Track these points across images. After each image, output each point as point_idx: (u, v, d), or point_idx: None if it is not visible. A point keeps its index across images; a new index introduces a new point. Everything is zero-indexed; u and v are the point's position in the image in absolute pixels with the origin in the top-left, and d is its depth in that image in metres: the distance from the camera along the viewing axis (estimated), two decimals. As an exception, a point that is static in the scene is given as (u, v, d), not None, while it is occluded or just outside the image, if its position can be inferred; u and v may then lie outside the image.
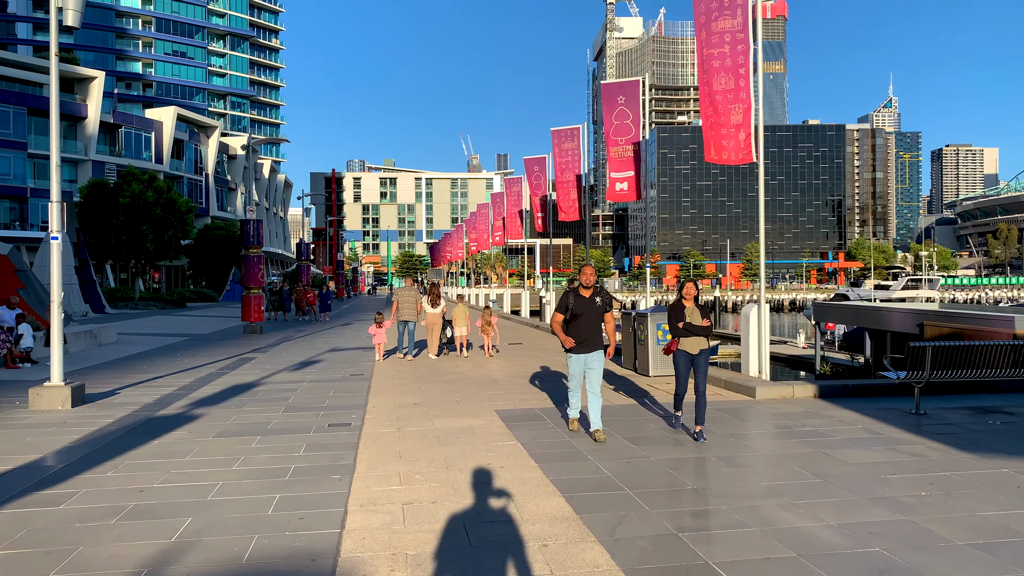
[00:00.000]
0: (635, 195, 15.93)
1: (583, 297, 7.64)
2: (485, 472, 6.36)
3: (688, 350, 7.77)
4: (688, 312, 7.77)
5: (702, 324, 7.71)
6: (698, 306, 7.80)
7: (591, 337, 7.62)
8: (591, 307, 7.60)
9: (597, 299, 7.62)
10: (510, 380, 12.26)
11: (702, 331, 7.71)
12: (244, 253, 24.54)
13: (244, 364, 15.25)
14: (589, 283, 7.66)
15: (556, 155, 21.19)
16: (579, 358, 7.72)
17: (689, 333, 7.72)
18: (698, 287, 7.87)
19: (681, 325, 7.72)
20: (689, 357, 7.79)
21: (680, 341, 7.81)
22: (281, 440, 7.81)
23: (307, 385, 11.95)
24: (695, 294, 7.76)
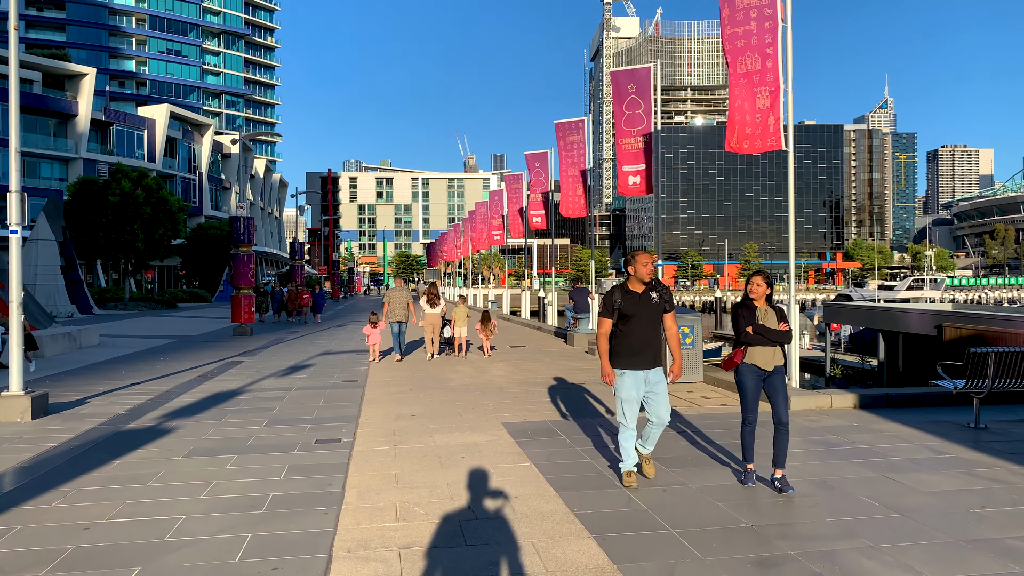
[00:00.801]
0: (647, 189, 15.00)
1: (635, 294, 5.76)
2: (498, 505, 5.39)
3: (760, 365, 5.76)
4: (761, 315, 5.84)
5: (780, 328, 5.79)
6: (772, 307, 5.87)
7: (650, 347, 5.75)
8: (648, 307, 5.72)
9: (654, 295, 5.75)
10: (515, 387, 11.30)
11: (781, 337, 5.74)
12: (234, 252, 23.55)
13: (230, 369, 14.27)
14: (646, 278, 5.74)
15: (561, 148, 20.24)
16: (635, 376, 5.72)
17: (763, 340, 5.73)
18: (771, 282, 5.86)
19: (751, 329, 5.76)
20: (760, 375, 5.78)
21: (748, 352, 5.81)
22: (260, 460, 6.83)
23: (295, 393, 10.97)
24: (766, 291, 5.82)
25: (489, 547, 4.51)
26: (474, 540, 4.63)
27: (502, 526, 4.88)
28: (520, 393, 10.70)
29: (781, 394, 5.76)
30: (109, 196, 40.42)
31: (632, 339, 5.72)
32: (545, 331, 22.42)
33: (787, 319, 5.84)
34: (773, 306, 5.88)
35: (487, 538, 4.66)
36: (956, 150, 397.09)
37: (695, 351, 11.05)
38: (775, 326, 5.79)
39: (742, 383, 5.89)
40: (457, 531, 4.80)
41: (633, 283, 5.81)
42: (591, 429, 7.98)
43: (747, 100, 9.80)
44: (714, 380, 10.93)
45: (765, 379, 5.85)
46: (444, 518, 5.07)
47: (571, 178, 20.32)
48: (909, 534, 4.64)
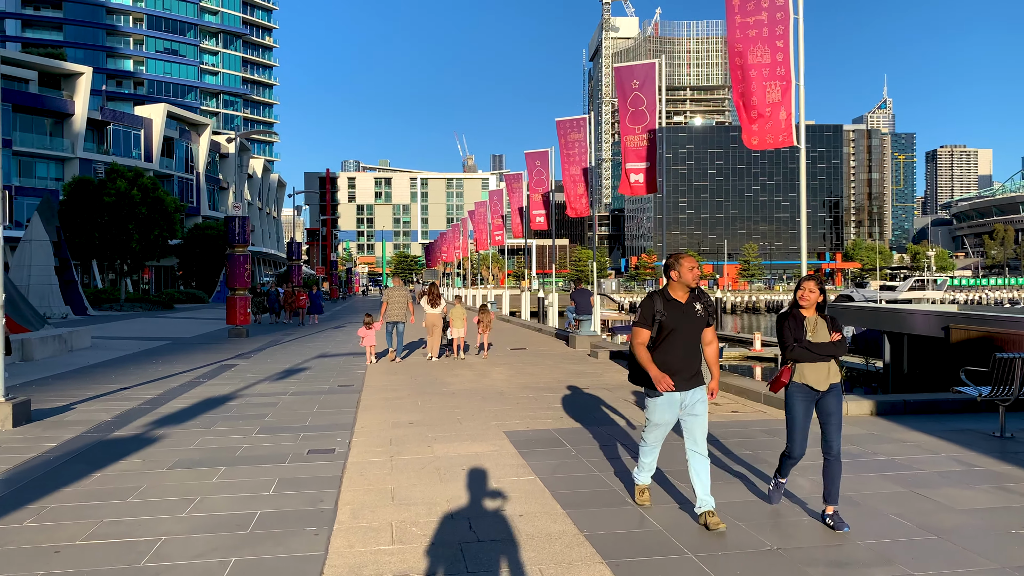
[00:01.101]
0: (648, 188, 14.63)
1: (677, 303, 4.91)
2: (502, 525, 5.02)
3: (812, 384, 4.90)
4: (810, 325, 4.98)
5: (832, 341, 4.95)
6: (824, 316, 5.03)
7: (691, 365, 4.95)
8: (691, 319, 4.90)
9: (697, 306, 4.93)
10: (517, 392, 10.93)
11: (833, 350, 4.91)
12: (229, 252, 23.17)
13: (223, 372, 13.90)
14: (692, 283, 4.89)
15: (562, 147, 19.88)
16: (670, 399, 4.96)
17: (813, 356, 4.89)
18: (823, 288, 5.04)
19: (800, 343, 4.92)
20: (812, 396, 4.95)
21: (797, 369, 4.97)
22: (249, 473, 6.46)
23: (289, 399, 10.60)
24: (819, 299, 4.99)
25: (492, 575, 4.14)
26: (476, 567, 4.26)
27: (507, 550, 4.51)
28: (522, 399, 10.33)
29: (835, 419, 4.92)
30: (104, 196, 40.00)
31: (670, 356, 4.90)
32: (546, 333, 22.06)
33: (840, 328, 5.01)
34: (824, 315, 5.03)
35: (490, 564, 4.29)
36: (955, 150, 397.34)
37: (703, 355, 10.68)
38: (826, 338, 4.93)
39: (791, 406, 5.01)
40: (458, 555, 4.43)
41: (676, 289, 4.93)
42: (598, 439, 7.61)
43: (757, 94, 9.43)
44: (722, 385, 10.56)
45: (818, 400, 4.98)
46: (443, 540, 4.70)
47: (573, 177, 19.96)
48: (950, 560, 4.28)
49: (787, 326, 5.04)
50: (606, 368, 13.59)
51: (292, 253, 38.68)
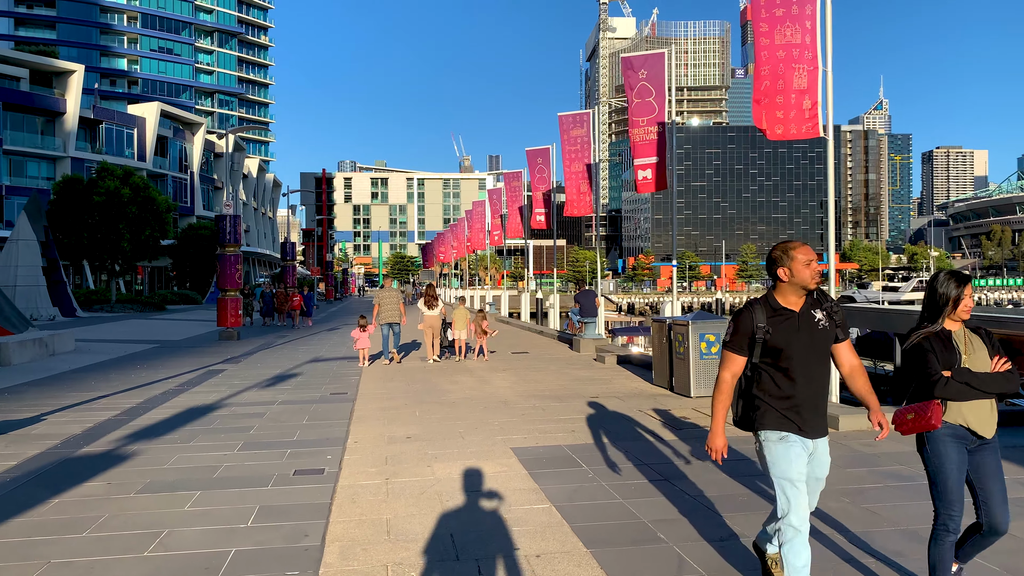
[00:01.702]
0: (658, 184, 13.92)
1: (789, 313, 3.48)
2: (516, 571, 4.30)
3: (974, 427, 3.47)
4: (961, 344, 3.53)
5: (1000, 369, 3.47)
6: (982, 335, 3.58)
7: (820, 396, 3.51)
8: (811, 334, 3.46)
9: (819, 315, 3.49)
10: (522, 402, 10.21)
11: (1006, 385, 3.45)
12: (220, 252, 22.43)
13: (210, 378, 13.15)
14: (809, 284, 3.46)
15: (564, 143, 19.16)
16: (803, 444, 3.48)
17: (973, 391, 3.43)
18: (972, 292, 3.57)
19: (957, 374, 3.43)
20: (966, 442, 3.50)
21: (950, 407, 3.47)
22: (227, 498, 5.73)
23: (277, 409, 9.86)
24: (971, 307, 3.53)
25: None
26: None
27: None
28: (528, 409, 9.60)
29: (998, 479, 3.49)
30: (94, 195, 39.18)
31: (792, 385, 3.44)
32: (548, 335, 21.33)
33: (999, 350, 3.52)
34: (981, 333, 3.59)
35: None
36: (951, 151, 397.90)
37: (721, 361, 9.97)
38: (986, 366, 3.46)
39: (940, 456, 3.48)
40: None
41: (785, 294, 3.51)
42: (616, 457, 6.89)
43: (783, 77, 8.72)
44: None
45: (979, 448, 3.53)
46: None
47: (575, 174, 19.24)
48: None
49: (932, 347, 3.47)
50: (615, 374, 12.87)
51: (286, 253, 37.95)
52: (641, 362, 13.56)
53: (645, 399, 10.15)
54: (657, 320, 11.00)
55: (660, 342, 10.84)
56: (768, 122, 8.85)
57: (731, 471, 6.34)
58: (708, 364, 9.89)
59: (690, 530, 4.85)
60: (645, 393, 10.67)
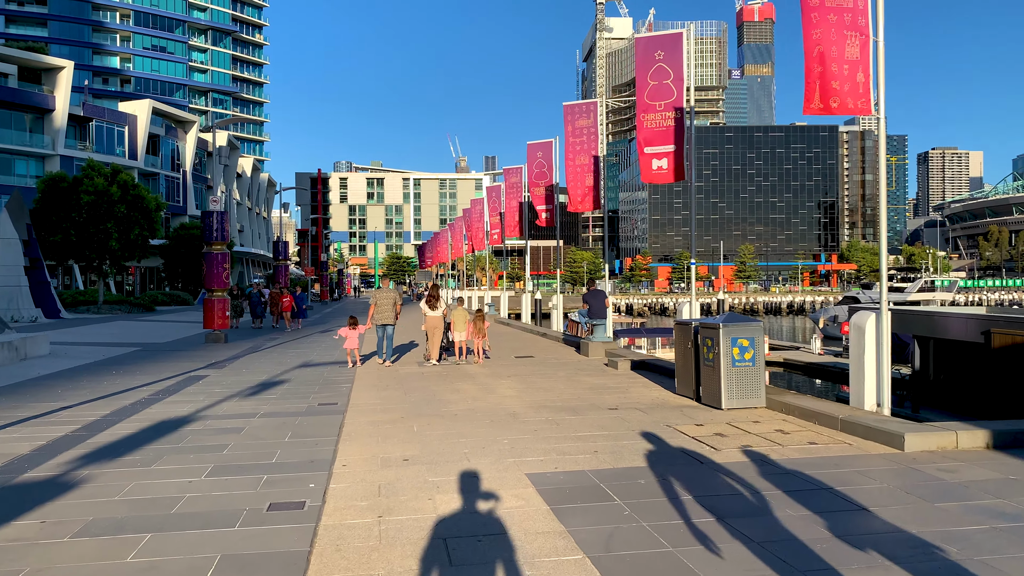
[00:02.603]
0: (676, 174, 12.87)
1: None
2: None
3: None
4: None
5: None
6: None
7: None
8: None
9: None
10: (532, 414, 9.13)
11: None
12: (206, 250, 21.32)
13: (189, 386, 12.06)
14: None
15: (568, 134, 18.09)
16: None
17: None
18: None
19: None
20: None
21: None
22: (182, 545, 4.64)
23: (257, 423, 8.77)
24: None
25: None
26: None
27: None
28: (540, 423, 8.52)
29: None
30: (81, 193, 37.99)
31: None
32: (551, 338, 20.25)
33: None
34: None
35: None
36: (946, 152, 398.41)
37: (755, 369, 8.91)
38: None
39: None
40: None
41: None
42: (652, 488, 5.81)
43: (836, 44, 7.66)
44: (781, 405, 8.79)
45: None
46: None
47: (579, 167, 18.17)
48: None
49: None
50: (630, 382, 11.79)
51: (279, 253, 36.83)
52: (658, 367, 12.49)
53: (670, 411, 9.07)
54: (681, 323, 9.92)
55: (684, 347, 9.77)
56: (822, 96, 7.78)
57: (805, 501, 5.27)
58: (742, 373, 8.84)
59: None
60: (669, 404, 9.60)
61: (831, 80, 7.95)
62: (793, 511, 5.13)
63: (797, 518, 4.97)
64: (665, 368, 12.19)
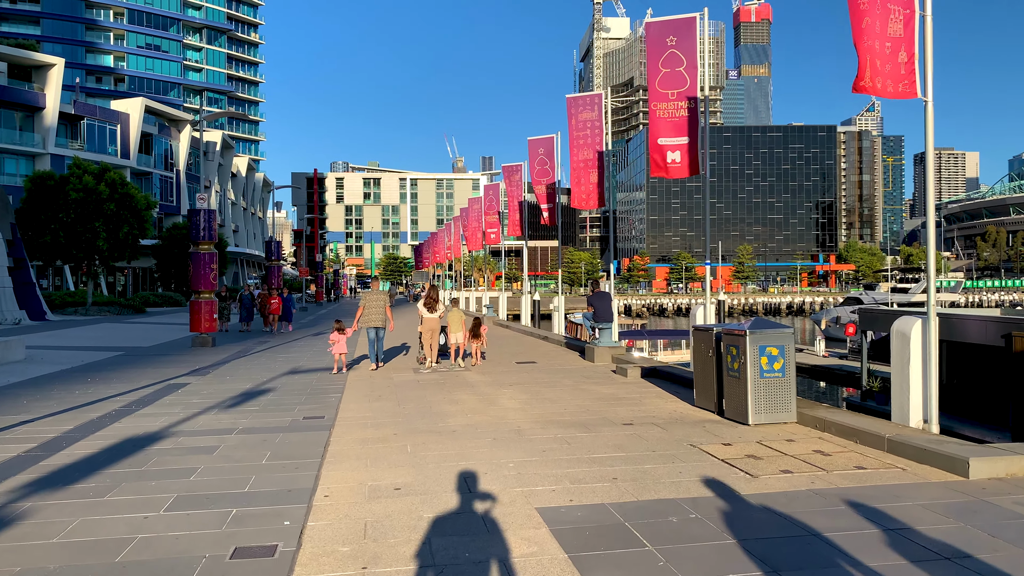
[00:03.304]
0: (691, 168, 12.03)
1: None
2: None
3: None
4: None
5: None
6: None
7: None
8: None
9: None
10: (539, 430, 8.26)
11: None
12: (193, 250, 20.41)
13: (166, 396, 11.17)
14: None
15: (572, 128, 17.23)
16: None
17: None
18: None
19: None
20: None
21: None
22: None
23: (233, 441, 7.89)
24: None
25: None
26: None
27: None
28: (549, 442, 7.65)
29: None
30: (69, 192, 37.05)
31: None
32: (553, 341, 19.37)
33: None
34: None
35: None
36: (943, 152, 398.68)
37: (785, 380, 8.06)
38: None
39: None
40: None
41: None
42: (688, 527, 4.94)
43: (879, 18, 6.82)
44: (815, 420, 7.93)
45: None
46: None
47: (583, 163, 17.30)
48: None
49: None
50: (642, 391, 10.92)
51: (271, 253, 35.91)
52: (671, 375, 11.63)
53: (691, 427, 8.21)
54: (701, 329, 9.06)
55: (705, 355, 8.92)
56: (871, 74, 6.92)
57: (874, 547, 4.40)
58: (771, 384, 7.98)
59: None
60: (688, 418, 8.73)
61: (875, 58, 7.10)
62: (866, 558, 4.26)
63: (873, 571, 4.10)
64: (679, 376, 11.34)
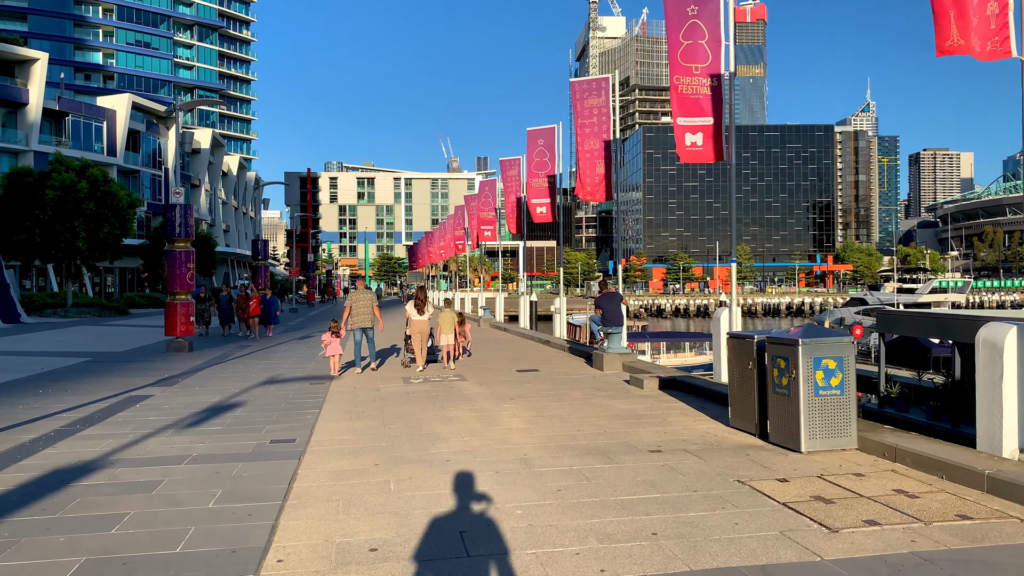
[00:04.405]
0: (715, 153, 10.71)
1: None
2: None
3: None
4: None
5: None
6: None
7: None
8: None
9: None
10: (551, 460, 6.90)
11: None
12: (168, 247, 19.03)
13: (121, 411, 9.79)
14: None
15: (577, 115, 15.88)
16: None
17: None
18: None
19: None
20: None
21: None
22: None
23: (181, 474, 6.51)
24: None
25: None
26: None
27: None
28: (564, 477, 6.28)
29: None
30: (48, 189, 35.53)
31: None
32: (556, 346, 18.00)
33: None
34: None
35: None
36: (938, 153, 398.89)
37: (845, 399, 6.73)
38: None
39: None
40: None
41: None
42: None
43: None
44: (881, 448, 6.59)
45: None
46: None
47: (590, 153, 15.96)
48: None
49: None
50: (664, 407, 9.56)
51: (258, 252, 34.52)
52: (694, 387, 10.28)
53: (732, 456, 6.85)
54: (737, 337, 7.71)
55: (743, 368, 7.57)
56: (959, 31, 5.62)
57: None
58: (828, 404, 6.64)
59: None
60: (725, 443, 7.38)
61: (961, 11, 5.79)
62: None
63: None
64: (704, 389, 9.99)
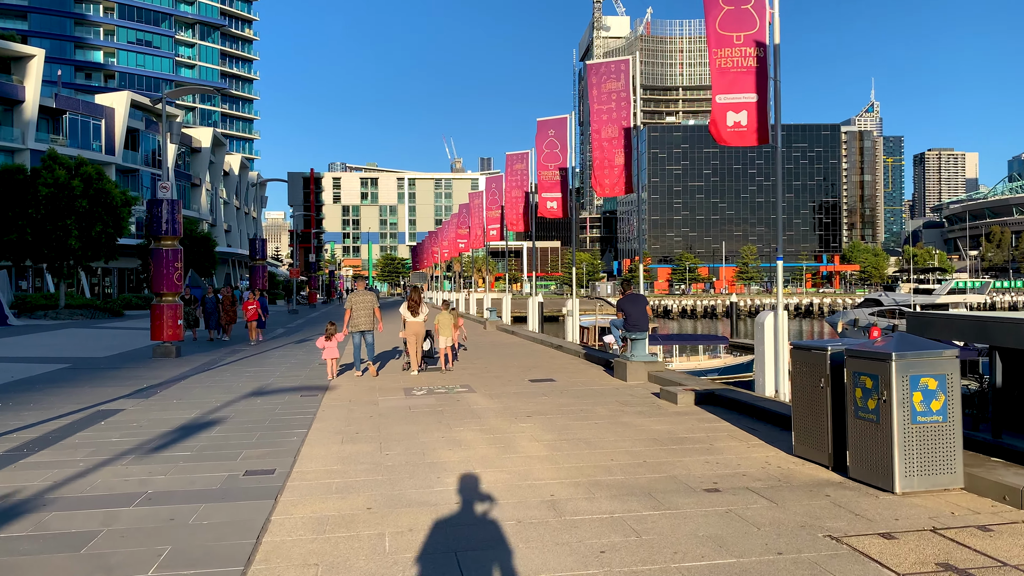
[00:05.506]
0: (758, 136, 9.43)
1: None
2: None
3: None
4: None
5: None
6: None
7: None
8: None
9: None
10: (583, 502, 5.62)
11: None
12: (154, 246, 17.78)
13: (81, 431, 8.55)
14: None
15: (593, 100, 14.57)
16: None
17: None
18: None
19: None
20: None
21: None
22: None
23: (125, 521, 5.24)
24: None
25: None
26: None
27: None
28: (603, 526, 4.99)
29: None
30: (40, 187, 34.35)
31: None
32: (570, 352, 16.69)
33: None
34: None
35: None
36: (943, 153, 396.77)
37: (949, 426, 5.45)
38: None
39: None
40: None
41: None
42: None
43: None
44: (1002, 489, 5.30)
45: None
46: None
47: (608, 141, 14.65)
48: None
49: None
50: (708, 427, 8.25)
51: (256, 252, 33.32)
52: (737, 404, 8.97)
53: (810, 497, 5.55)
54: (806, 348, 6.43)
55: (814, 386, 6.29)
56: None
57: None
58: (928, 433, 5.36)
59: None
60: (795, 478, 6.08)
61: None
62: None
63: None
64: (749, 405, 8.69)
